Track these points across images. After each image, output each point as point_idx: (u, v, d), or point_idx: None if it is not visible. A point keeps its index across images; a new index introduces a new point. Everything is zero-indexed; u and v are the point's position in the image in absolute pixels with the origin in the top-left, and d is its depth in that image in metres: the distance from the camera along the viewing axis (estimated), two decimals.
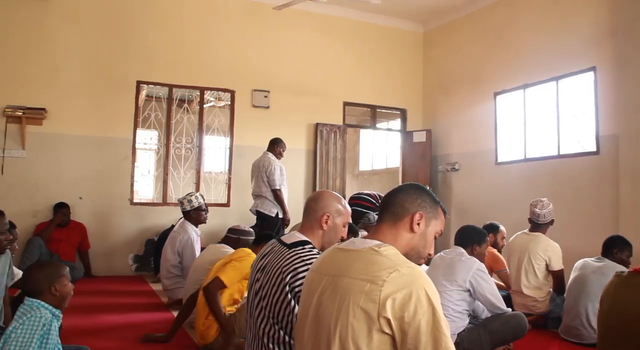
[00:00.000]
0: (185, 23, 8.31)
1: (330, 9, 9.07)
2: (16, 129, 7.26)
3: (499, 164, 8.24)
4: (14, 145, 7.26)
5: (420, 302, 1.58)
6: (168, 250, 5.75)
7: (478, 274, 3.81)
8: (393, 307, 1.57)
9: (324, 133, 9.02)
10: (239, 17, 8.62)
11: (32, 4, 7.42)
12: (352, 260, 1.77)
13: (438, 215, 1.97)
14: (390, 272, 1.62)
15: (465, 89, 8.97)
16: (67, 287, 2.77)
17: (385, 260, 1.69)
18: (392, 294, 1.58)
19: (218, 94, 8.69)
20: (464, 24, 9.13)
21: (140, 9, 8.06)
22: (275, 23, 8.69)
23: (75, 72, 7.62)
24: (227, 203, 8.39)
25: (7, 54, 6.89)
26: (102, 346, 4.07)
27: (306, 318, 1.84)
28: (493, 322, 3.87)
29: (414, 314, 1.56)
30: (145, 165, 8.53)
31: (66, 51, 7.60)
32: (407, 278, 1.62)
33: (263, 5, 8.58)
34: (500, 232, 5.74)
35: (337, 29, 9.31)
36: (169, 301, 5.68)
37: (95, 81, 7.73)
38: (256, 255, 2.74)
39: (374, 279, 1.62)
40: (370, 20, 9.53)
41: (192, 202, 5.85)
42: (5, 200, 6.86)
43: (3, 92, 6.82)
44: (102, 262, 7.59)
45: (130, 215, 7.84)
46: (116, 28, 7.89)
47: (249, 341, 2.51)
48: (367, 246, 1.78)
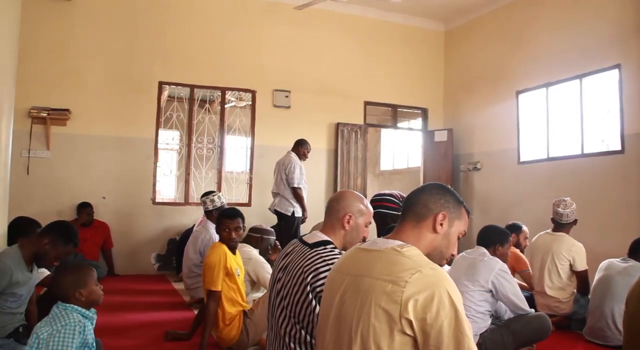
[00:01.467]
0: (207, 24, 8.35)
1: (351, 9, 9.05)
2: (41, 130, 7.36)
3: (521, 163, 8.16)
4: (39, 146, 7.36)
5: (442, 304, 1.57)
6: (190, 250, 5.79)
7: (500, 275, 3.77)
8: (415, 309, 1.57)
9: (345, 133, 9.01)
10: (259, 18, 8.65)
11: (55, 6, 7.52)
12: (374, 260, 1.76)
13: (461, 216, 1.95)
14: (413, 273, 1.61)
15: (487, 87, 8.90)
16: (93, 292, 2.77)
17: (408, 261, 1.68)
18: (414, 295, 1.57)
19: (239, 94, 8.73)
20: (485, 23, 9.06)
21: (162, 10, 8.11)
22: (296, 23, 8.70)
23: (98, 73, 7.71)
24: (249, 202, 8.42)
25: (32, 56, 6.98)
26: (125, 344, 4.11)
27: (328, 318, 1.84)
28: (516, 323, 3.83)
29: (436, 315, 1.56)
30: (167, 165, 8.60)
31: (89, 53, 7.68)
32: (430, 279, 1.61)
33: (284, 5, 8.59)
34: (522, 232, 5.68)
35: (358, 29, 9.29)
36: (191, 300, 5.71)
37: (118, 82, 7.81)
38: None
39: (396, 280, 1.61)
40: (391, 19, 9.49)
41: (214, 201, 5.88)
42: (30, 199, 6.97)
43: (28, 93, 6.90)
44: (125, 261, 7.66)
45: (153, 215, 7.90)
46: (138, 29, 7.96)
47: (271, 340, 2.52)
48: (390, 246, 1.77)
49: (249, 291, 4.77)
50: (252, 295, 4.78)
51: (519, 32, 8.33)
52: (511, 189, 8.24)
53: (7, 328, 3.33)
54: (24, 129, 7.15)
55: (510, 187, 8.28)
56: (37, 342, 2.50)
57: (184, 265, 5.93)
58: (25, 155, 7.24)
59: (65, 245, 3.35)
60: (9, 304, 3.30)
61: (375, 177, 14.10)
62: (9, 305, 3.30)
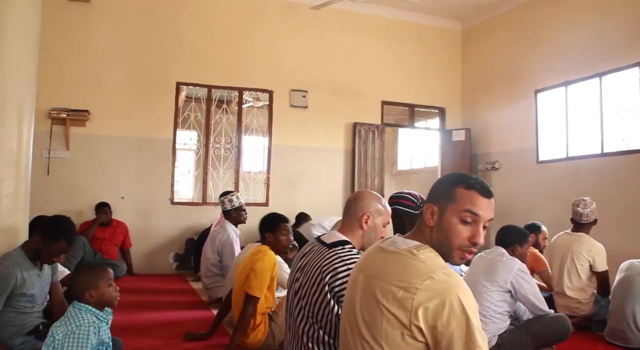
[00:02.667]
0: (224, 24, 8.38)
1: (367, 8, 9.03)
2: (61, 131, 7.44)
3: (540, 162, 8.09)
4: (59, 147, 7.44)
5: (453, 312, 1.55)
6: (208, 249, 5.81)
7: (519, 275, 3.74)
8: (425, 316, 1.55)
9: (362, 132, 8.99)
10: (276, 18, 8.66)
11: (75, 8, 7.59)
12: (389, 262, 1.75)
13: (452, 199, 1.78)
14: (424, 279, 1.59)
15: (505, 86, 8.84)
16: (104, 294, 2.72)
17: (421, 265, 1.65)
18: (424, 302, 1.56)
19: (256, 94, 8.75)
20: (503, 21, 9.00)
21: (180, 11, 8.16)
22: (313, 23, 8.70)
23: (116, 74, 7.77)
24: (266, 202, 8.43)
25: (52, 58, 7.04)
26: (145, 343, 4.13)
27: (348, 316, 1.84)
28: (535, 324, 3.79)
29: (447, 323, 1.54)
30: (185, 165, 8.65)
31: (108, 54, 7.75)
32: (441, 286, 1.58)
33: (301, 6, 8.60)
34: (542, 232, 5.64)
35: (375, 28, 9.27)
36: (209, 299, 5.74)
37: (136, 83, 7.86)
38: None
39: (408, 287, 1.60)
40: (408, 18, 9.46)
41: (232, 201, 5.90)
42: (50, 199, 7.04)
43: (48, 94, 6.96)
44: (143, 261, 7.72)
45: (171, 215, 7.95)
46: (156, 31, 8.01)
47: (289, 340, 2.52)
48: (406, 247, 1.75)
49: None
50: None
51: (537, 31, 8.26)
52: (530, 189, 8.17)
53: (25, 327, 3.37)
54: (44, 129, 7.23)
55: (529, 187, 8.21)
56: (52, 343, 2.51)
57: (202, 264, 5.96)
58: (46, 156, 7.32)
59: (54, 242, 3.32)
60: (22, 303, 3.34)
61: (393, 177, 14.06)
62: (23, 305, 3.34)
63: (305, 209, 8.15)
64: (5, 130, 3.88)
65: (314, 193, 8.64)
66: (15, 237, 3.73)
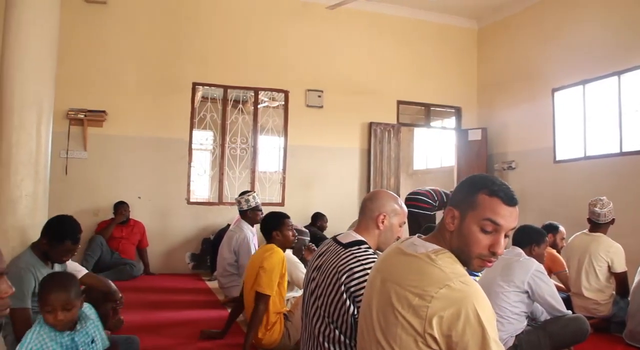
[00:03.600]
0: (239, 24, 8.41)
1: (383, 7, 9.02)
2: (78, 131, 7.51)
3: (557, 162, 8.02)
4: (77, 147, 7.50)
5: (469, 322, 1.52)
6: (224, 249, 5.83)
7: (537, 275, 3.70)
8: (440, 325, 1.53)
9: (378, 132, 8.98)
10: (292, 18, 8.67)
11: (91, 10, 7.65)
12: (407, 267, 1.72)
13: (473, 205, 1.73)
14: (440, 287, 1.56)
15: (522, 85, 8.78)
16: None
17: (438, 272, 1.62)
18: (439, 311, 1.53)
19: (272, 94, 8.77)
20: (519, 20, 8.94)
21: (195, 12, 8.20)
22: (328, 22, 8.70)
23: (133, 75, 7.82)
24: (282, 202, 8.45)
25: (69, 59, 7.09)
26: (161, 342, 4.16)
27: (363, 318, 1.84)
28: (553, 325, 3.76)
29: (462, 333, 1.52)
30: (201, 165, 8.69)
31: (124, 55, 7.81)
32: (457, 294, 1.55)
33: (316, 5, 8.60)
34: (559, 233, 5.59)
35: (390, 27, 9.25)
36: (225, 299, 5.76)
37: (153, 84, 7.91)
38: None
39: (423, 294, 1.57)
40: (423, 17, 9.43)
41: (249, 201, 5.91)
42: (68, 199, 7.10)
43: (66, 95, 7.01)
44: (160, 260, 7.77)
45: (187, 215, 7.99)
46: (172, 32, 8.06)
47: (305, 340, 2.52)
48: (425, 252, 1.72)
49: None
50: (287, 295, 4.79)
51: (554, 29, 8.19)
52: (547, 189, 8.11)
53: None
54: (63, 130, 7.30)
55: (546, 187, 8.15)
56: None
57: (218, 264, 5.98)
58: (64, 156, 7.39)
59: (60, 243, 3.30)
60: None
61: (409, 176, 14.02)
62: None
63: (321, 208, 8.16)
64: (25, 131, 3.93)
65: (330, 193, 8.65)
66: (35, 236, 3.75)
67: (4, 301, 1.56)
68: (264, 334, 3.95)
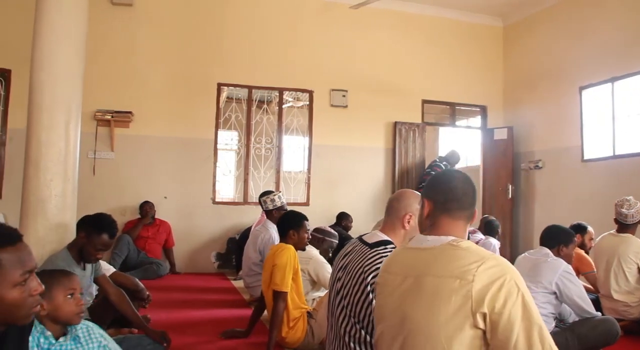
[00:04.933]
0: (263, 25, 8.44)
1: (407, 6, 8.99)
2: (106, 132, 7.60)
3: (585, 161, 7.91)
4: (104, 147, 7.60)
5: (510, 293, 1.57)
6: (250, 249, 5.85)
7: (565, 276, 3.66)
8: (486, 300, 1.56)
9: (403, 131, 8.94)
10: (315, 18, 8.68)
11: (118, 12, 7.74)
12: (431, 258, 1.74)
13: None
14: (478, 265, 1.61)
15: (549, 83, 8.67)
16: (59, 307, 2.26)
17: (468, 254, 1.67)
18: (483, 287, 1.57)
19: (296, 94, 8.78)
20: (546, 17, 8.82)
21: (220, 13, 8.24)
22: (352, 22, 8.69)
23: (159, 76, 7.90)
24: (307, 202, 8.46)
25: (96, 60, 7.17)
26: (186, 340, 4.19)
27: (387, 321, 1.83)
28: (581, 327, 3.71)
29: (504, 304, 1.55)
30: (226, 165, 8.74)
31: (150, 56, 7.88)
32: (496, 269, 1.60)
33: (340, 5, 8.59)
34: (588, 233, 5.50)
35: (415, 26, 9.20)
36: (251, 298, 5.77)
37: (178, 84, 7.98)
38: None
39: (463, 275, 1.60)
40: (448, 15, 9.37)
41: (274, 201, 5.92)
42: (96, 199, 7.17)
43: (93, 96, 7.08)
44: (186, 259, 7.84)
45: (213, 214, 8.04)
46: (197, 33, 8.11)
47: (331, 340, 2.52)
48: (445, 242, 1.76)
49: (309, 290, 4.80)
50: (312, 295, 4.80)
51: (582, 26, 8.07)
52: (575, 188, 8.00)
53: None
54: (90, 131, 7.39)
55: (573, 186, 8.04)
56: None
57: (243, 264, 6.00)
58: (91, 157, 7.49)
59: (98, 236, 3.39)
60: None
61: None
62: None
63: (346, 208, 8.16)
64: (54, 132, 3.99)
65: (355, 192, 8.64)
66: (64, 234, 3.83)
67: (35, 298, 1.59)
68: (287, 332, 3.96)
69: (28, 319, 1.61)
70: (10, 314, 1.53)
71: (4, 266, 1.48)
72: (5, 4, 7.24)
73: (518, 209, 9.16)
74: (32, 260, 1.58)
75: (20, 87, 6.72)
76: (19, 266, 1.52)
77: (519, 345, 1.54)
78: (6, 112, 7.26)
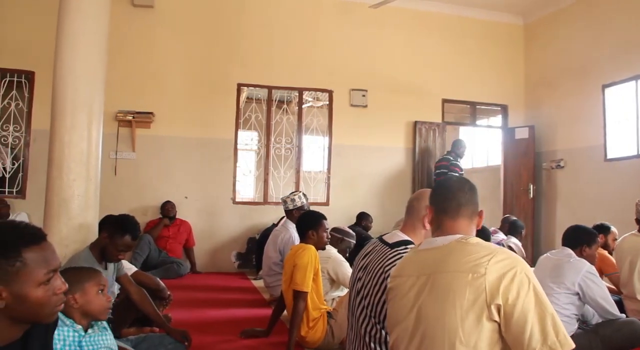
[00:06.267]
0: (283, 26, 8.46)
1: (426, 5, 8.95)
2: (127, 133, 7.68)
3: (608, 160, 7.81)
4: (125, 148, 7.67)
5: (522, 285, 1.60)
6: (270, 248, 5.87)
7: (588, 277, 3.61)
8: (500, 292, 1.59)
9: (423, 131, 8.91)
10: (335, 18, 8.67)
11: (139, 13, 7.81)
12: (443, 255, 1.77)
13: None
14: (489, 258, 1.64)
15: (571, 82, 8.57)
16: (91, 301, 2.31)
17: (479, 248, 1.71)
18: (496, 279, 1.60)
19: (316, 94, 8.79)
20: (567, 14, 8.72)
21: (239, 14, 8.28)
22: (372, 21, 8.67)
23: (179, 77, 7.95)
24: (327, 202, 8.47)
25: (118, 62, 7.24)
26: (206, 340, 4.20)
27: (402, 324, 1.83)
28: (605, 328, 3.65)
29: (517, 296, 1.59)
30: (246, 165, 8.77)
31: (171, 57, 7.94)
32: (507, 262, 1.64)
33: (359, 5, 8.57)
34: (611, 233, 5.42)
35: (434, 25, 9.16)
36: (271, 298, 5.79)
37: (198, 85, 8.03)
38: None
39: (475, 268, 1.63)
40: (468, 14, 9.31)
41: (295, 201, 5.93)
42: (117, 199, 7.25)
43: (115, 97, 7.13)
44: (206, 259, 7.88)
45: (233, 214, 8.07)
46: (217, 34, 8.15)
47: (351, 339, 2.52)
48: (453, 240, 1.81)
49: (329, 290, 4.80)
50: (331, 294, 4.80)
51: (604, 23, 7.96)
52: (597, 188, 7.90)
53: None
54: (112, 131, 7.47)
55: (596, 186, 7.94)
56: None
57: (264, 263, 6.02)
58: (113, 157, 7.57)
59: (121, 237, 3.43)
60: None
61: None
62: None
63: (366, 208, 8.16)
64: (77, 132, 4.03)
65: (375, 192, 8.63)
66: (87, 234, 3.86)
67: (59, 297, 1.61)
68: (307, 332, 3.97)
69: (52, 317, 1.63)
70: (35, 312, 1.55)
71: (28, 265, 1.50)
72: (29, 8, 7.35)
73: (540, 209, 9.08)
74: (56, 260, 1.60)
75: (43, 89, 6.83)
76: (43, 265, 1.54)
77: (534, 335, 1.56)
78: (30, 113, 7.37)
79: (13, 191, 7.34)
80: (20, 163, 7.38)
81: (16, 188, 7.36)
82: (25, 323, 1.59)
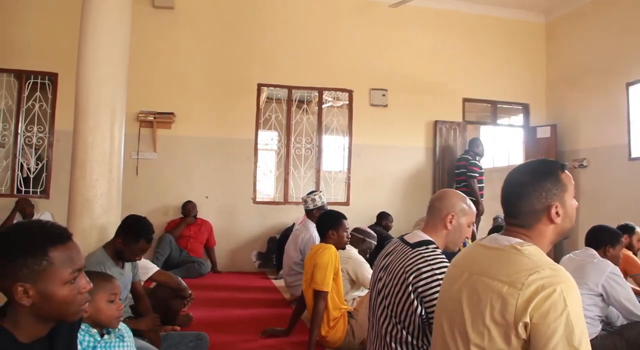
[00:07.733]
0: (302, 25, 8.47)
1: (446, 3, 8.91)
2: (148, 133, 7.73)
3: (632, 159, 7.70)
4: (147, 148, 7.73)
5: (554, 307, 1.50)
6: (290, 248, 5.88)
7: (612, 278, 3.56)
8: (529, 310, 1.52)
9: (444, 130, 8.86)
10: (355, 17, 8.66)
11: (160, 14, 7.86)
12: (492, 258, 1.73)
13: (564, 186, 1.82)
14: (530, 274, 1.56)
15: (593, 80, 8.47)
16: (101, 310, 2.31)
17: (527, 260, 1.62)
18: (530, 297, 1.53)
19: (336, 94, 8.78)
20: (589, 12, 8.62)
21: (259, 15, 8.30)
22: (391, 21, 8.64)
23: (199, 77, 8.00)
24: (347, 202, 8.46)
25: (139, 63, 7.27)
26: (227, 339, 4.23)
27: (443, 313, 1.82)
28: (630, 330, 3.61)
29: (544, 316, 1.51)
30: (266, 165, 8.80)
31: (191, 58, 7.99)
32: (549, 279, 1.54)
33: (379, 4, 8.55)
34: (636, 234, 5.34)
35: (454, 24, 9.10)
36: (291, 298, 5.80)
37: (219, 85, 8.06)
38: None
39: (513, 282, 1.57)
40: (488, 12, 9.23)
41: (315, 201, 5.94)
42: (139, 199, 7.33)
43: (136, 98, 7.17)
44: (227, 259, 7.91)
45: (253, 214, 8.10)
46: (237, 34, 8.18)
47: (372, 339, 2.52)
48: (509, 244, 1.72)
49: (349, 290, 4.80)
50: (351, 294, 4.80)
51: (628, 19, 7.85)
52: (622, 187, 7.80)
53: None
54: (133, 132, 7.53)
55: (620, 185, 7.83)
56: None
57: (284, 263, 6.04)
58: (135, 157, 7.63)
59: (136, 242, 3.45)
60: None
61: None
62: None
63: (386, 208, 8.13)
64: (99, 133, 4.08)
65: (395, 192, 8.61)
66: (110, 234, 3.90)
67: (84, 296, 1.63)
68: (328, 332, 3.98)
69: (77, 315, 1.65)
70: (61, 311, 1.57)
71: (54, 264, 1.52)
72: (52, 11, 7.45)
73: None
74: (81, 259, 1.62)
75: (66, 90, 6.91)
76: (69, 264, 1.56)
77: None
78: (53, 114, 7.47)
79: (37, 191, 7.44)
80: (44, 163, 7.49)
81: (40, 188, 7.45)
82: (51, 321, 1.62)
